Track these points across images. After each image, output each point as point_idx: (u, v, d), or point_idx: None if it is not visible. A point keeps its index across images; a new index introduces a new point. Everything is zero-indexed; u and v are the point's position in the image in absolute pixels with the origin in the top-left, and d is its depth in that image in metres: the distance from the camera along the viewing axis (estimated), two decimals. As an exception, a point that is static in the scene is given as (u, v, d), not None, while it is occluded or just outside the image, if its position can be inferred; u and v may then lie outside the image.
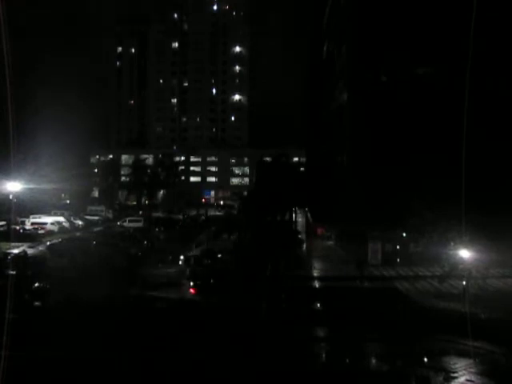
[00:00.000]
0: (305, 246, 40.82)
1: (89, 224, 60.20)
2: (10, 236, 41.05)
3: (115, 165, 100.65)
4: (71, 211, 65.56)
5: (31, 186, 49.32)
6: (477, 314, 21.19)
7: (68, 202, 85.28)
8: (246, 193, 62.02)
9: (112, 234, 48.96)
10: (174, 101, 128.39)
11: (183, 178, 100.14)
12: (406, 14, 40.72)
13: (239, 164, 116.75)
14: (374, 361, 17.72)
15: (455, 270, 26.08)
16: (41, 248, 40.29)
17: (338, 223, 43.81)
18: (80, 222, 59.45)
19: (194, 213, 71.59)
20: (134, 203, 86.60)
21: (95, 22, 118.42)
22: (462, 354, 17.23)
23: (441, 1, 40.44)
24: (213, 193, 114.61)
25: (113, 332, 18.15)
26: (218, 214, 69.55)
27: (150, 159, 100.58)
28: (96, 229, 55.94)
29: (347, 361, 17.57)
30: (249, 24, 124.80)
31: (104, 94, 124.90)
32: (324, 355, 18.92)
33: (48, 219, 54.36)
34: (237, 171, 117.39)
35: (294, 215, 44.43)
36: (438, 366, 16.38)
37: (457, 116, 27.95)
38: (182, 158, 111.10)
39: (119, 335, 17.93)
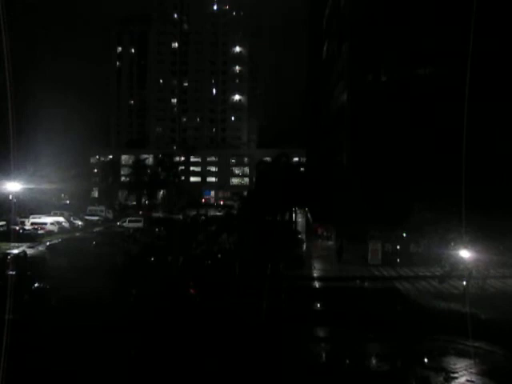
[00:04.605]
0: (305, 245, 40.78)
1: (89, 224, 60.17)
2: (10, 236, 41.03)
3: (115, 165, 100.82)
4: (71, 211, 65.49)
5: (31, 186, 49.44)
6: (477, 314, 21.17)
7: (68, 202, 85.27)
8: (245, 193, 62.01)
9: (112, 234, 48.91)
10: (174, 101, 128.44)
11: (183, 178, 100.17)
12: (406, 13, 40.74)
13: (239, 164, 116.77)
14: (374, 361, 17.70)
15: (455, 270, 26.08)
16: (41, 248, 40.24)
17: (338, 223, 43.82)
18: (80, 223, 59.42)
19: (194, 213, 71.54)
20: (134, 203, 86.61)
21: (95, 21, 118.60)
22: (462, 354, 17.21)
23: (441, 1, 40.46)
24: (213, 193, 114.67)
25: (112, 332, 18.15)
26: (218, 214, 69.51)
27: (150, 159, 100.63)
28: (96, 229, 55.86)
29: (347, 361, 17.55)
30: (249, 24, 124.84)
31: (104, 94, 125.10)
32: (324, 355, 18.89)
33: (48, 219, 54.32)
34: (237, 171, 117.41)
35: (294, 215, 44.39)
36: (437, 366, 16.35)
37: (457, 116, 27.94)
38: (182, 158, 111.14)
39: (119, 335, 17.92)
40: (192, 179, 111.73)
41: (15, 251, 34.77)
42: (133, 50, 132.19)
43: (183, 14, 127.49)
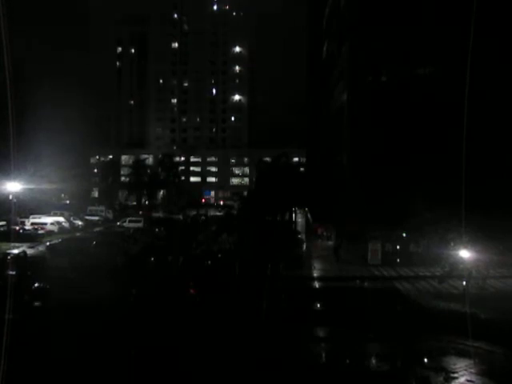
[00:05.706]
0: (305, 245, 40.79)
1: (89, 224, 60.18)
2: (10, 236, 41.03)
3: (115, 165, 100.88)
4: (71, 211, 65.52)
5: (31, 186, 49.42)
6: (477, 314, 21.18)
7: (68, 202, 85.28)
8: (246, 193, 62.01)
9: (112, 235, 48.91)
10: (174, 101, 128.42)
11: (183, 178, 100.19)
12: (406, 13, 40.74)
13: (239, 164, 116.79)
14: (373, 361, 17.69)
15: (455, 270, 26.09)
16: (41, 248, 40.25)
17: (338, 223, 43.84)
18: (80, 223, 59.42)
19: (194, 213, 71.54)
20: (134, 203, 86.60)
21: (95, 22, 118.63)
22: (462, 353, 17.21)
23: (441, 0, 40.48)
24: (213, 193, 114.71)
25: (112, 332, 18.16)
26: (218, 214, 69.48)
27: (150, 159, 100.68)
28: (96, 229, 55.88)
29: (347, 361, 17.55)
30: (249, 24, 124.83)
31: (104, 94, 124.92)
32: (324, 355, 18.89)
33: (48, 219, 54.33)
34: (237, 171, 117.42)
35: (293, 215, 44.40)
36: (438, 366, 16.35)
37: (457, 116, 27.96)
38: (182, 158, 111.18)
39: (119, 335, 17.93)
40: (192, 179, 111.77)
41: (15, 251, 34.76)
42: (133, 50, 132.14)
43: (183, 14, 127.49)
